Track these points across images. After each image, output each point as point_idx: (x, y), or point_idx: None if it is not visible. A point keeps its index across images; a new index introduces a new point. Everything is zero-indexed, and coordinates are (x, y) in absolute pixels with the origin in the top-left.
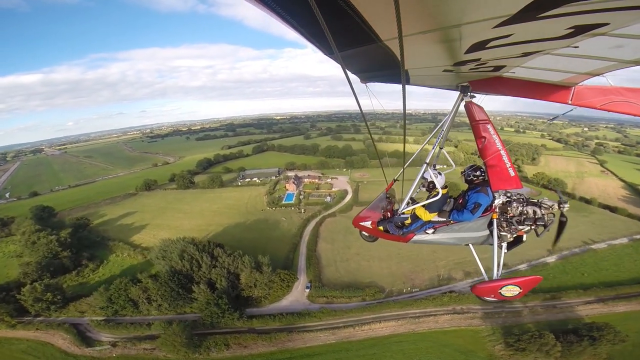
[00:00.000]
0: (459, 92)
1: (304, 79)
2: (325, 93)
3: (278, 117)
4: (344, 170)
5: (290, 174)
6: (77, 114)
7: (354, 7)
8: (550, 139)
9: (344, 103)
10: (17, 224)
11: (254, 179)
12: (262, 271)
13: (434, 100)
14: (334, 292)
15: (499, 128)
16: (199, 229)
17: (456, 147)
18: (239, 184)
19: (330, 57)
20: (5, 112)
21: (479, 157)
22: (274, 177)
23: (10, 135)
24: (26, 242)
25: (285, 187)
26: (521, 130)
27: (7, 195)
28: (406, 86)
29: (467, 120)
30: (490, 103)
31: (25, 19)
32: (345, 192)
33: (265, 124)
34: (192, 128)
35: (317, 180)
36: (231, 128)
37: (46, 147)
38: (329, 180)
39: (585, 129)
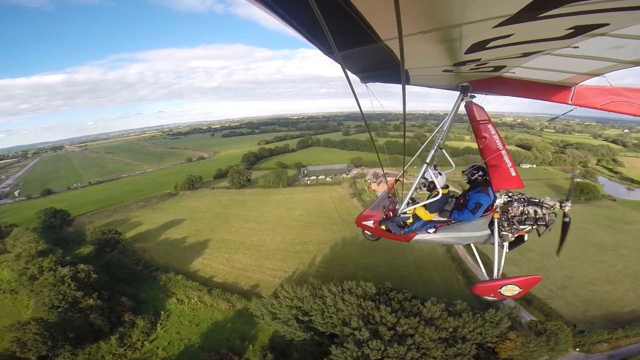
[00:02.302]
0: (459, 92)
1: (318, 79)
2: (337, 94)
3: (295, 117)
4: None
5: (368, 171)
6: (97, 114)
7: (354, 7)
8: (602, 140)
9: (365, 105)
10: (14, 238)
11: (321, 177)
12: (520, 329)
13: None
14: (617, 333)
15: (539, 129)
16: (294, 250)
17: (536, 149)
18: (307, 182)
19: (330, 57)
20: (29, 111)
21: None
22: (345, 175)
23: (33, 134)
24: (20, 276)
25: (369, 187)
26: (567, 132)
27: (16, 193)
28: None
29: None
30: (486, 105)
31: (49, 18)
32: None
33: (289, 122)
34: (212, 126)
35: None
36: (254, 126)
37: (67, 145)
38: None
39: (626, 130)
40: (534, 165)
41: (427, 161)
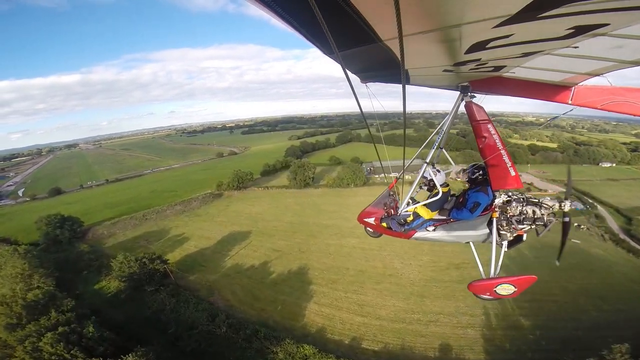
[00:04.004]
0: (459, 92)
1: (328, 80)
2: (347, 95)
3: (309, 117)
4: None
5: (449, 167)
6: (111, 114)
7: (354, 7)
8: None
9: (366, 104)
10: None
11: (393, 174)
12: None
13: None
14: None
15: (569, 129)
16: (451, 278)
17: (605, 147)
18: (384, 181)
19: (330, 57)
20: (45, 111)
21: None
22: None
23: (49, 134)
24: None
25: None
26: (602, 131)
27: (20, 192)
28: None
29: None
30: (495, 105)
31: (66, 18)
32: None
33: (307, 120)
34: (227, 125)
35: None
36: (271, 124)
37: (81, 144)
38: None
39: None
40: (614, 164)
41: (427, 161)
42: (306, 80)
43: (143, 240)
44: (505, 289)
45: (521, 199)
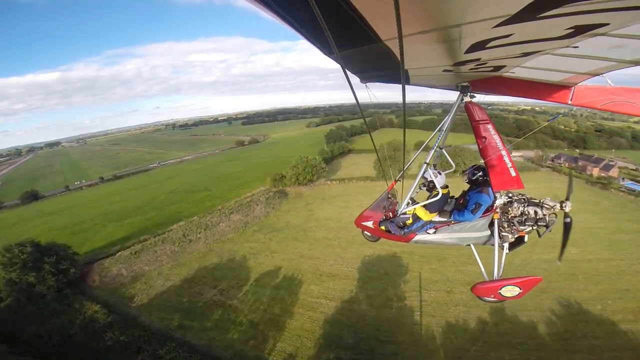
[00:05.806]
0: (459, 92)
1: (317, 71)
2: (337, 86)
3: (305, 108)
4: (576, 151)
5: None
6: (94, 111)
7: (354, 7)
8: None
9: (364, 96)
10: None
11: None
12: None
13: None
14: None
15: (570, 116)
16: None
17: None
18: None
19: (330, 57)
20: (25, 111)
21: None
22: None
23: (30, 134)
24: None
25: (608, 178)
26: (609, 118)
27: None
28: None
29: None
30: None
31: (42, 13)
32: None
33: (309, 110)
34: (219, 118)
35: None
36: (270, 115)
37: (64, 142)
38: (625, 164)
39: None
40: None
41: (427, 161)
42: (295, 72)
43: (208, 287)
44: (510, 291)
45: (522, 200)
